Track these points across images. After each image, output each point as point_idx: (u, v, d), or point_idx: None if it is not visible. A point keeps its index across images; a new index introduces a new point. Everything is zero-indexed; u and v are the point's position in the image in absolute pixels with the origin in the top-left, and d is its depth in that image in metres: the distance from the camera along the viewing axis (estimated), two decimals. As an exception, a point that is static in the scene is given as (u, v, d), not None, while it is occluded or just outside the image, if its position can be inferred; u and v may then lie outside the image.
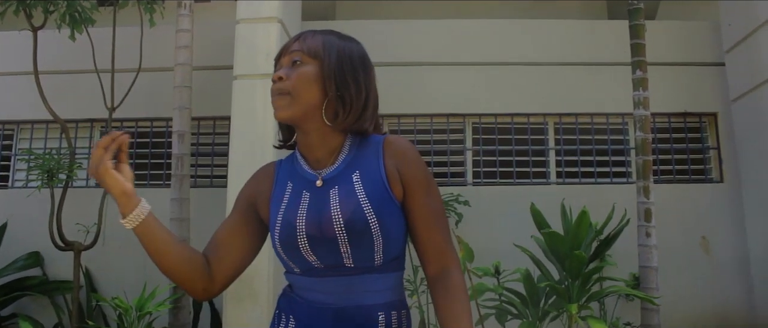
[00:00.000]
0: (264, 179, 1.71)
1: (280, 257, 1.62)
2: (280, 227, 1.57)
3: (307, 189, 1.61)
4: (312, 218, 1.55)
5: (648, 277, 5.05)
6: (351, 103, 1.61)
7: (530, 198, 5.48)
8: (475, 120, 6.50)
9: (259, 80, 5.35)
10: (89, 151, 6.59)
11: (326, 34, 1.67)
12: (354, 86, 1.62)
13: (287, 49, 1.65)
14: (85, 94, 6.25)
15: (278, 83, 1.60)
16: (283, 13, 5.57)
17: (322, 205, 1.56)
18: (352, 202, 1.53)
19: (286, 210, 1.59)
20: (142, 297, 5.09)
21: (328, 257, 1.53)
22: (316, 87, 1.59)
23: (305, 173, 1.64)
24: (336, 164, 1.63)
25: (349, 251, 1.52)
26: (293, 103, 1.58)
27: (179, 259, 1.63)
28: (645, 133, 5.19)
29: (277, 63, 1.67)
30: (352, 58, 1.65)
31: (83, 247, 5.51)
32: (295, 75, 1.59)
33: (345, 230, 1.51)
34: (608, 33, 6.53)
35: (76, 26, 5.48)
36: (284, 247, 1.57)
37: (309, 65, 1.60)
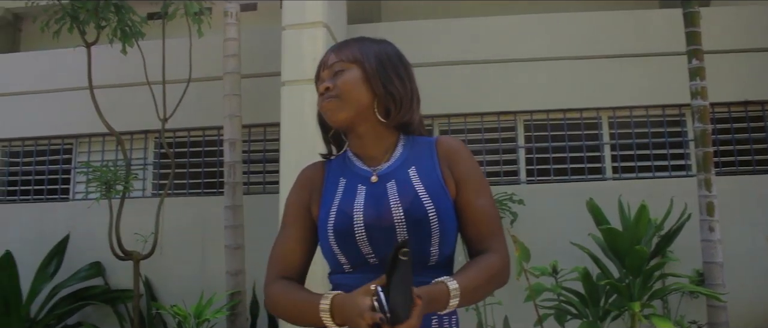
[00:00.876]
0: (314, 176, 1.73)
1: (329, 253, 1.61)
2: (334, 215, 1.57)
3: (362, 183, 1.62)
4: (370, 207, 1.56)
5: (713, 273, 4.86)
6: (400, 98, 1.66)
7: (586, 195, 5.35)
8: (526, 117, 6.38)
9: (307, 85, 5.33)
10: (144, 163, 6.73)
11: (359, 41, 1.72)
12: (398, 81, 1.66)
13: (325, 64, 1.69)
14: (138, 106, 6.37)
15: (326, 93, 1.64)
16: (328, 17, 5.57)
17: (380, 196, 1.58)
18: (410, 193, 1.56)
19: (341, 201, 1.60)
20: (199, 304, 5.16)
21: (383, 249, 1.52)
22: (364, 88, 1.63)
23: (359, 170, 1.66)
24: (391, 160, 1.66)
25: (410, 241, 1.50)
26: (344, 105, 1.61)
27: None
28: (704, 124, 5.00)
29: (318, 79, 1.71)
30: (389, 55, 1.70)
31: (142, 256, 5.63)
32: (340, 80, 1.63)
33: (404, 219, 1.52)
34: (660, 22, 6.32)
35: (127, 40, 5.59)
36: (338, 236, 1.55)
37: (351, 70, 1.64)
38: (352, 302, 1.35)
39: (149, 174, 6.81)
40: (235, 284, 5.47)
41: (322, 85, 1.65)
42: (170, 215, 6.14)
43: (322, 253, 1.67)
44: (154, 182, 6.80)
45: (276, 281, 1.63)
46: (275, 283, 1.63)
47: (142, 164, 6.75)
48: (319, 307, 1.43)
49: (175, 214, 6.31)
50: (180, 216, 6.39)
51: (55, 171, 7.00)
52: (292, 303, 1.54)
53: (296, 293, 1.56)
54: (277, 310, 1.60)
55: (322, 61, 1.71)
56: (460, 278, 1.50)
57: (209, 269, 6.25)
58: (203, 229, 6.38)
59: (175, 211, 6.31)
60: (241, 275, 5.52)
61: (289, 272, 1.65)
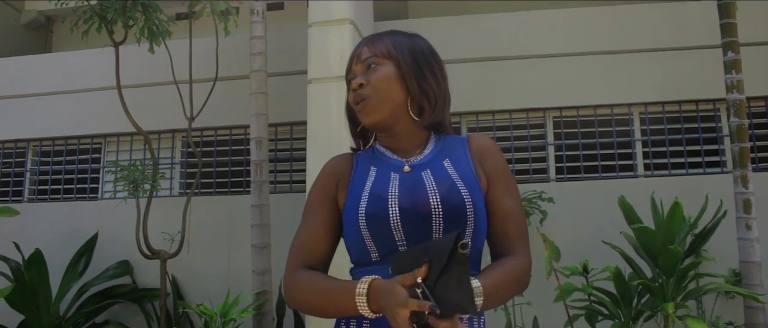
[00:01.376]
0: (342, 165, 1.69)
1: (357, 241, 1.54)
2: (367, 200, 1.52)
3: (394, 172, 1.59)
4: (405, 193, 1.51)
5: (751, 272, 4.71)
6: (435, 96, 1.63)
7: (617, 192, 5.23)
8: (555, 114, 6.26)
9: (334, 83, 5.32)
10: (171, 162, 6.76)
11: (392, 35, 1.68)
12: (433, 78, 1.63)
13: (358, 57, 1.65)
14: (165, 105, 6.40)
15: (360, 90, 1.60)
16: (355, 14, 5.53)
17: (415, 183, 1.54)
18: (447, 181, 1.53)
19: (374, 186, 1.55)
20: (225, 304, 5.15)
21: (416, 238, 1.48)
22: (398, 85, 1.59)
23: (391, 160, 1.64)
24: (424, 153, 1.64)
25: (440, 232, 1.48)
26: (379, 105, 1.58)
27: None
28: (740, 119, 4.86)
29: (349, 72, 1.68)
30: (423, 52, 1.66)
31: (169, 255, 5.64)
32: (374, 78, 1.59)
33: (441, 206, 1.48)
34: (692, 15, 6.15)
35: (154, 39, 5.61)
36: (370, 221, 1.50)
37: (386, 66, 1.60)
38: (392, 289, 1.29)
39: (176, 173, 6.83)
40: (262, 284, 5.45)
41: (355, 82, 1.61)
42: (197, 213, 6.15)
43: (346, 243, 1.62)
44: (181, 181, 6.82)
45: (299, 271, 1.57)
46: (298, 272, 1.57)
47: (170, 163, 6.77)
48: (356, 290, 1.36)
49: (202, 213, 6.33)
50: (207, 215, 6.40)
51: (85, 170, 7.06)
52: (320, 291, 1.47)
53: (325, 280, 1.50)
54: (300, 299, 1.52)
55: (354, 53, 1.67)
56: (484, 278, 1.45)
57: (235, 268, 6.25)
58: (230, 228, 6.38)
59: (201, 210, 6.32)
60: (268, 275, 5.50)
61: (312, 262, 1.59)
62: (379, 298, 1.33)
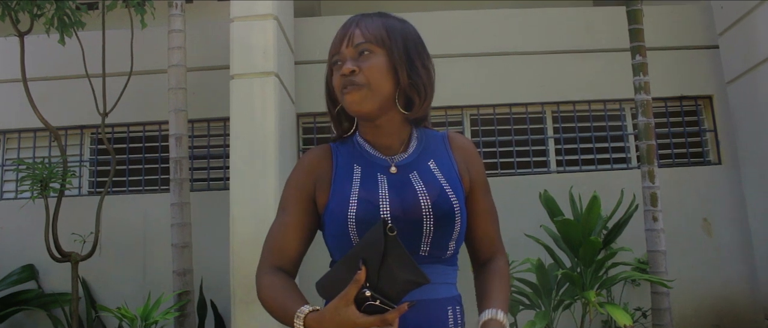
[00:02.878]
0: (321, 161, 1.62)
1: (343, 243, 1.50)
2: (356, 204, 1.49)
3: (381, 173, 1.56)
4: (395, 198, 1.49)
5: (657, 261, 5.04)
6: (425, 90, 1.59)
7: (532, 188, 5.46)
8: (473, 112, 6.45)
9: (257, 79, 5.25)
10: (80, 159, 6.43)
11: (384, 19, 1.61)
12: (423, 70, 1.59)
13: (349, 38, 1.55)
14: (75, 100, 6.10)
15: (351, 76, 1.52)
16: (277, 9, 5.47)
17: (404, 188, 1.52)
18: (436, 186, 1.53)
19: (362, 189, 1.51)
20: (147, 306, 4.98)
21: (406, 242, 1.44)
22: (389, 77, 1.54)
23: (375, 158, 1.59)
24: (408, 151, 1.61)
25: (430, 235, 1.49)
26: (371, 96, 1.52)
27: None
28: (647, 118, 5.18)
29: (337, 53, 1.58)
30: (415, 41, 1.61)
31: (81, 257, 5.35)
32: (368, 66, 1.52)
33: (432, 211, 1.48)
34: (600, 19, 6.52)
35: (66, 30, 5.33)
36: (361, 226, 1.46)
37: (379, 55, 1.53)
38: (337, 317, 1.29)
39: (86, 171, 6.49)
40: (183, 284, 5.29)
41: (346, 67, 1.52)
42: (109, 213, 5.88)
43: (327, 242, 1.58)
44: (91, 180, 6.50)
45: (267, 273, 1.54)
46: (266, 275, 1.54)
47: (79, 161, 6.43)
48: (295, 319, 1.37)
49: (115, 212, 6.06)
50: (119, 215, 6.13)
51: (-20, 169, 6.59)
52: (275, 306, 1.47)
53: (279, 294, 1.47)
54: (263, 305, 1.52)
55: (344, 33, 1.57)
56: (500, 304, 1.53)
57: (152, 269, 6.03)
58: (145, 228, 6.14)
59: (114, 209, 6.05)
60: (189, 275, 5.35)
61: (283, 262, 1.56)
62: (321, 325, 1.32)
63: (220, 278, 5.58)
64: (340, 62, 1.57)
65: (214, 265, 5.75)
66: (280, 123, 5.33)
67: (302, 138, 6.48)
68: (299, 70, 6.29)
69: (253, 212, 4.99)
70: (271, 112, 5.19)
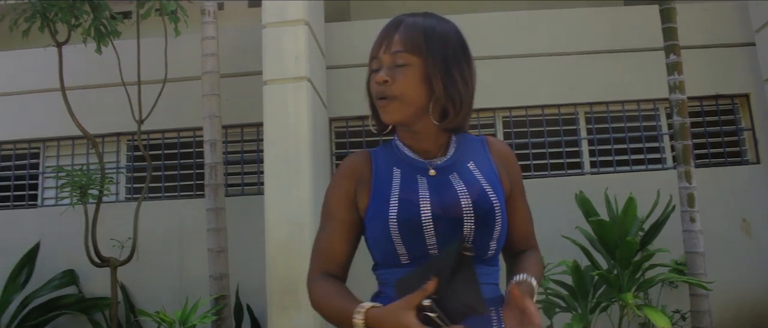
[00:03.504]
0: (361, 167, 1.62)
1: (386, 245, 1.52)
2: (398, 205, 1.50)
3: (420, 174, 1.56)
4: (436, 199, 1.50)
5: (695, 262, 4.97)
6: (461, 100, 1.56)
7: (566, 190, 5.41)
8: (505, 114, 6.42)
9: (290, 84, 5.30)
10: (117, 166, 6.54)
11: (427, 22, 1.57)
12: (461, 81, 1.56)
13: (387, 45, 1.54)
14: (110, 108, 6.21)
15: (383, 86, 1.53)
16: (308, 14, 5.51)
17: (444, 188, 1.53)
18: (476, 186, 1.54)
19: (402, 190, 1.53)
20: (184, 310, 5.04)
21: (446, 241, 1.47)
22: (423, 87, 1.53)
23: (414, 161, 1.60)
24: (447, 155, 1.61)
25: (472, 235, 1.50)
26: (402, 107, 1.53)
27: None
28: (683, 118, 5.12)
29: (375, 58, 1.57)
30: (455, 50, 1.58)
31: (119, 262, 5.46)
32: (402, 78, 1.51)
33: (473, 211, 1.49)
34: (632, 18, 6.46)
35: (102, 39, 5.42)
36: (403, 227, 1.48)
37: (414, 66, 1.52)
38: (395, 317, 1.32)
39: (122, 178, 6.61)
40: (220, 288, 5.36)
41: (380, 76, 1.52)
42: (145, 219, 5.96)
43: (369, 245, 1.60)
44: (127, 186, 6.61)
45: (318, 279, 1.57)
46: (318, 280, 1.57)
47: (115, 168, 6.55)
48: (353, 321, 1.40)
49: (151, 218, 6.14)
50: (156, 220, 6.22)
51: (22, 177, 6.73)
52: (329, 308, 1.51)
53: (334, 297, 1.51)
54: (317, 308, 1.56)
55: (384, 36, 1.56)
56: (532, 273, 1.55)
57: (189, 273, 6.11)
58: (181, 233, 6.23)
59: (151, 215, 6.14)
60: (225, 279, 5.42)
61: (332, 268, 1.59)
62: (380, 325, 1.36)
63: (255, 282, 5.62)
64: (377, 67, 1.57)
65: (249, 269, 5.80)
66: (313, 127, 5.37)
67: (334, 142, 6.51)
68: (330, 75, 6.33)
69: (287, 216, 5.03)
70: (304, 116, 5.23)
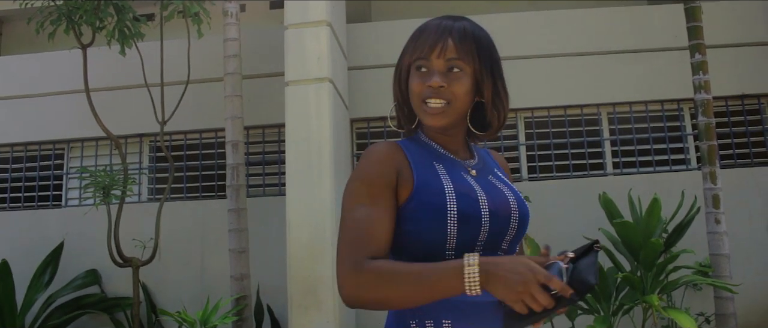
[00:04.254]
0: (397, 154, 1.54)
1: (437, 236, 1.45)
2: (456, 197, 1.46)
3: (464, 172, 1.56)
4: (488, 197, 1.50)
5: (720, 265, 4.91)
6: (505, 113, 1.59)
7: (588, 191, 5.37)
8: (527, 115, 6.39)
9: (312, 85, 5.31)
10: (139, 167, 6.60)
11: (476, 31, 1.57)
12: (504, 93, 1.58)
13: (442, 48, 1.51)
14: (133, 109, 6.26)
15: (437, 91, 1.50)
16: (331, 15, 5.51)
17: (491, 188, 1.55)
18: (514, 190, 1.59)
19: (456, 183, 1.49)
20: (206, 310, 5.06)
21: (494, 238, 1.49)
22: (472, 95, 1.54)
23: (452, 160, 1.59)
24: (475, 158, 1.64)
25: (513, 234, 1.53)
26: (451, 112, 1.52)
27: None
28: (708, 118, 5.06)
29: (425, 58, 1.53)
30: (497, 59, 1.59)
31: (141, 262, 5.50)
32: (457, 84, 1.50)
33: (518, 213, 1.53)
34: (656, 18, 6.40)
35: (126, 41, 5.48)
36: (462, 219, 1.44)
37: (467, 75, 1.52)
38: (515, 261, 1.27)
39: (145, 179, 6.66)
40: (241, 289, 5.38)
41: (435, 81, 1.49)
42: (168, 219, 5.99)
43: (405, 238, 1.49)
44: (150, 187, 6.67)
45: (372, 262, 1.40)
46: (373, 262, 1.40)
47: (138, 169, 6.60)
48: (465, 264, 1.28)
49: (173, 218, 6.19)
50: (178, 221, 6.27)
51: (47, 177, 6.82)
52: (413, 274, 1.35)
53: (411, 264, 1.39)
54: (382, 292, 1.37)
55: (437, 40, 1.52)
56: None
57: (210, 274, 6.14)
58: (203, 233, 6.27)
59: (172, 215, 6.17)
60: (247, 279, 5.43)
61: (380, 255, 1.42)
62: (498, 271, 1.27)
63: (276, 282, 5.64)
64: (425, 69, 1.54)
65: (270, 270, 5.82)
66: (335, 129, 5.37)
67: (356, 143, 6.52)
68: (352, 76, 6.34)
69: (309, 218, 5.04)
70: (326, 118, 5.24)
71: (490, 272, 1.28)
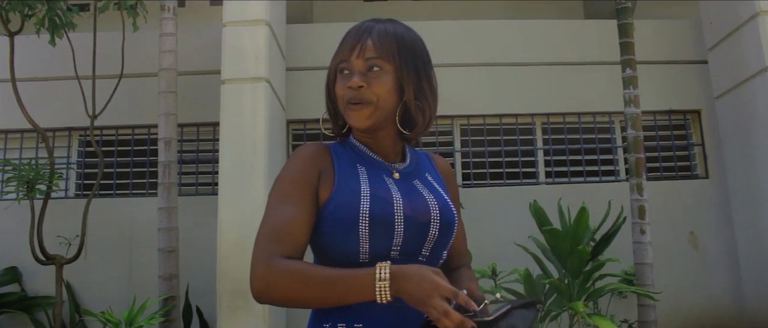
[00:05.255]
0: (322, 155, 1.55)
1: (350, 240, 1.44)
2: (370, 200, 1.45)
3: (386, 175, 1.55)
4: (406, 201, 1.49)
5: (644, 273, 5.07)
6: (430, 110, 1.57)
7: (521, 199, 5.46)
8: (463, 122, 6.46)
9: (248, 84, 5.25)
10: (67, 161, 6.38)
11: (397, 29, 1.57)
12: (430, 93, 1.57)
13: (361, 48, 1.51)
14: (63, 101, 6.06)
15: (358, 91, 1.49)
16: (270, 15, 5.46)
17: (412, 192, 1.53)
18: (439, 195, 1.57)
19: (373, 186, 1.49)
20: (131, 311, 4.93)
21: (410, 244, 1.48)
22: (395, 95, 1.52)
23: (377, 162, 1.58)
24: (406, 162, 1.63)
25: (434, 241, 1.51)
26: (375, 112, 1.51)
27: None
28: (637, 131, 5.22)
29: (346, 60, 1.53)
30: (423, 59, 1.58)
31: (66, 260, 5.30)
32: (377, 83, 1.50)
33: (439, 218, 1.51)
34: (592, 32, 6.58)
35: (56, 31, 5.29)
36: (374, 223, 1.43)
37: (388, 73, 1.51)
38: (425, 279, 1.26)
39: (73, 174, 6.44)
40: (169, 289, 5.26)
41: (354, 81, 1.49)
42: (95, 216, 5.82)
43: (321, 241, 1.49)
44: (77, 182, 6.45)
45: (284, 261, 1.38)
46: (284, 261, 1.37)
47: (66, 163, 6.38)
48: (376, 274, 1.28)
49: (101, 216, 6.00)
50: (106, 218, 6.08)
51: (-34, 170, 6.51)
52: (324, 277, 1.34)
53: (324, 268, 1.38)
54: (290, 290, 1.35)
55: (356, 41, 1.52)
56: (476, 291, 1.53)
57: (138, 273, 5.98)
58: (131, 232, 6.10)
59: (101, 213, 5.99)
60: (175, 280, 5.32)
61: (295, 254, 1.41)
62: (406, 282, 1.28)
63: (206, 283, 5.52)
64: (347, 71, 1.53)
65: (200, 270, 5.70)
66: (270, 129, 5.32)
67: (291, 144, 6.47)
68: (290, 77, 6.29)
69: (241, 218, 4.97)
70: (261, 117, 5.18)
71: (400, 285, 1.28)
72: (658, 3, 7.36)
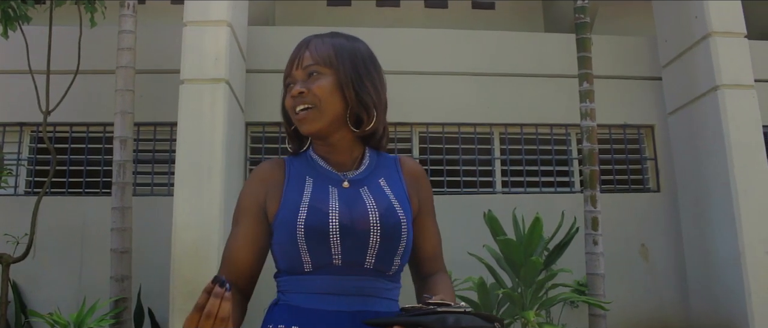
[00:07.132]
0: (273, 172, 1.63)
1: (291, 251, 1.51)
2: (306, 211, 1.51)
3: (333, 185, 1.59)
4: (344, 209, 1.52)
5: (595, 284, 5.18)
6: (374, 107, 1.62)
7: (477, 207, 5.51)
8: (422, 129, 6.51)
9: (207, 85, 5.20)
10: (18, 158, 6.23)
11: (335, 39, 1.65)
12: (372, 89, 1.62)
13: (299, 61, 1.61)
14: (15, 96, 5.93)
15: (300, 97, 1.57)
16: (231, 16, 5.42)
17: (354, 200, 1.56)
18: (384, 200, 1.57)
19: (313, 198, 1.54)
20: (81, 312, 4.83)
21: (351, 253, 1.50)
22: (338, 96, 1.58)
23: (327, 172, 1.63)
24: (360, 169, 1.65)
25: (376, 248, 1.52)
26: (320, 115, 1.57)
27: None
28: (592, 144, 5.33)
29: (288, 76, 1.63)
30: (364, 60, 1.65)
31: (12, 259, 5.16)
32: (316, 87, 1.57)
33: (379, 225, 1.52)
34: (551, 46, 6.69)
35: (10, 23, 5.17)
36: (309, 233, 1.48)
37: (327, 76, 1.58)
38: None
39: (23, 170, 6.28)
40: (121, 290, 5.17)
41: (295, 89, 1.58)
42: (46, 215, 5.68)
43: (274, 252, 1.59)
44: (28, 179, 6.29)
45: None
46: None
47: (16, 159, 6.22)
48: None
49: (52, 214, 5.86)
50: (57, 217, 5.94)
51: None
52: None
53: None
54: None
55: (295, 56, 1.62)
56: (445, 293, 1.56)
57: (89, 274, 5.86)
58: (83, 232, 5.97)
59: (52, 211, 5.85)
60: (127, 281, 5.23)
61: (237, 276, 1.55)
62: None
63: (159, 285, 5.43)
64: (291, 84, 1.61)
65: (153, 272, 5.61)
66: (229, 131, 5.27)
67: (250, 147, 6.42)
68: (250, 79, 6.25)
69: (196, 220, 4.91)
70: (220, 119, 5.14)
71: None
72: (616, 19, 7.53)
